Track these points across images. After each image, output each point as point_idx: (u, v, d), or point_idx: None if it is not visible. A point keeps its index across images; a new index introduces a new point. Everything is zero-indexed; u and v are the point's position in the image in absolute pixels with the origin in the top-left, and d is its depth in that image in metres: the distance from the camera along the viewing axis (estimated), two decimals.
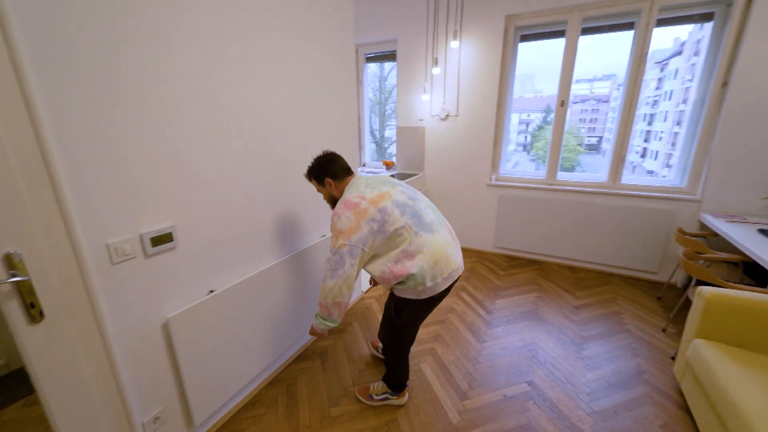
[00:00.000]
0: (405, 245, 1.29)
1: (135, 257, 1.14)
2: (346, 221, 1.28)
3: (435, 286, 1.33)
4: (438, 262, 1.31)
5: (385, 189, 1.36)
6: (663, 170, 2.80)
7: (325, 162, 1.47)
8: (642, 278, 2.97)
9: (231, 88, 1.40)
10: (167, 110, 1.17)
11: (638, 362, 1.98)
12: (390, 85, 7.21)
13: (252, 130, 1.53)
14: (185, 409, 1.38)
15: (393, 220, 1.29)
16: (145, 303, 1.19)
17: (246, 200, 1.54)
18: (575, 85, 2.95)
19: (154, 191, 1.17)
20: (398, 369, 1.63)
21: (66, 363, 1.00)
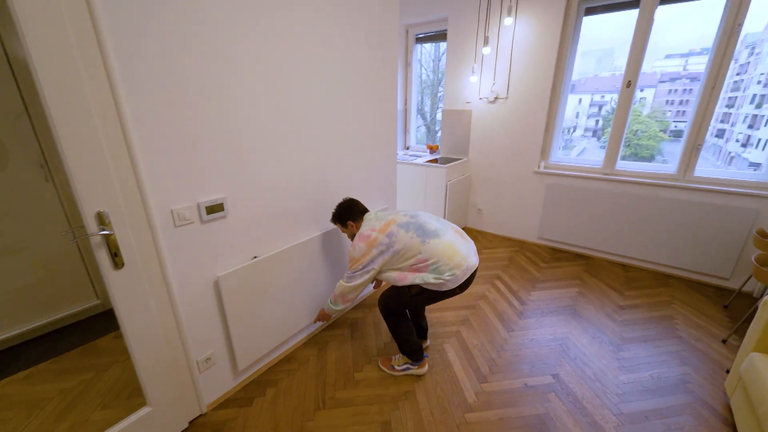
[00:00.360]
0: (418, 255, 1.55)
1: (193, 222, 1.35)
2: (359, 251, 1.62)
3: (454, 278, 1.52)
4: (452, 258, 1.53)
5: (391, 217, 1.67)
6: None
7: (345, 209, 1.79)
8: (708, 283, 2.66)
9: (280, 75, 1.53)
10: (226, 97, 1.33)
11: (685, 371, 1.83)
12: (444, 66, 7.02)
13: (295, 115, 1.65)
14: (231, 355, 1.62)
15: (399, 239, 1.58)
16: (200, 262, 1.41)
17: (287, 180, 1.70)
18: (664, 60, 2.60)
19: (209, 166, 1.35)
20: (404, 332, 1.74)
21: (140, 303, 1.24)
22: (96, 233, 1.08)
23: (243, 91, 1.41)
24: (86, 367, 1.81)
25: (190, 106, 1.25)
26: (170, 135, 1.22)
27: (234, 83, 1.37)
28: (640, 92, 2.87)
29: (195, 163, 1.31)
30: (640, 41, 2.59)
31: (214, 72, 1.30)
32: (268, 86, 1.50)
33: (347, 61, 1.89)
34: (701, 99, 2.48)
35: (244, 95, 1.41)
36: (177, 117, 1.22)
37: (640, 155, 2.97)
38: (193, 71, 1.23)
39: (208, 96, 1.29)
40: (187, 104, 1.24)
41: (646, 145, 3.67)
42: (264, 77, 1.48)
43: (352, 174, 2.12)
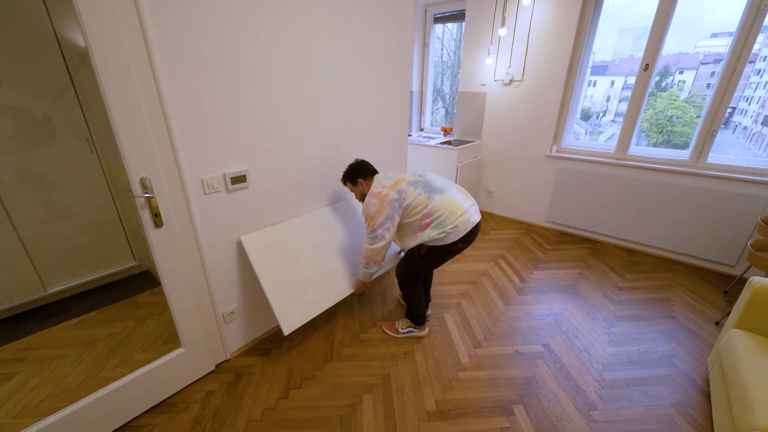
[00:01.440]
0: (424, 210, 1.65)
1: (220, 191, 1.53)
2: (373, 207, 1.69)
3: (456, 230, 1.63)
4: (454, 212, 1.65)
5: (400, 176, 1.77)
6: None
7: (356, 167, 1.87)
8: (713, 270, 2.68)
9: (299, 55, 1.65)
10: (250, 76, 1.48)
11: (672, 347, 1.92)
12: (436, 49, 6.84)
13: (312, 94, 1.79)
14: (252, 310, 1.84)
15: (408, 194, 1.68)
16: (226, 226, 1.60)
17: (303, 155, 1.85)
18: (710, 40, 2.47)
19: (235, 141, 1.52)
20: (415, 298, 1.91)
21: (176, 259, 1.44)
22: (141, 195, 1.27)
23: (265, 71, 1.54)
24: (128, 317, 2.09)
25: (218, 86, 1.40)
26: (201, 111, 1.38)
27: (258, 63, 1.51)
28: (680, 74, 2.76)
29: (222, 138, 1.47)
30: (662, 20, 2.53)
31: (241, 52, 1.44)
32: (287, 65, 1.63)
33: (363, 41, 1.99)
34: (720, 83, 2.43)
35: (266, 74, 1.55)
36: (206, 94, 1.38)
37: (673, 142, 2.83)
38: (222, 51, 1.38)
39: (234, 74, 1.44)
40: (215, 83, 1.39)
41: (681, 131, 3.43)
42: (284, 57, 1.60)
43: (364, 152, 2.24)
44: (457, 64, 6.74)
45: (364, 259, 1.80)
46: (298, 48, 1.65)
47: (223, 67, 1.40)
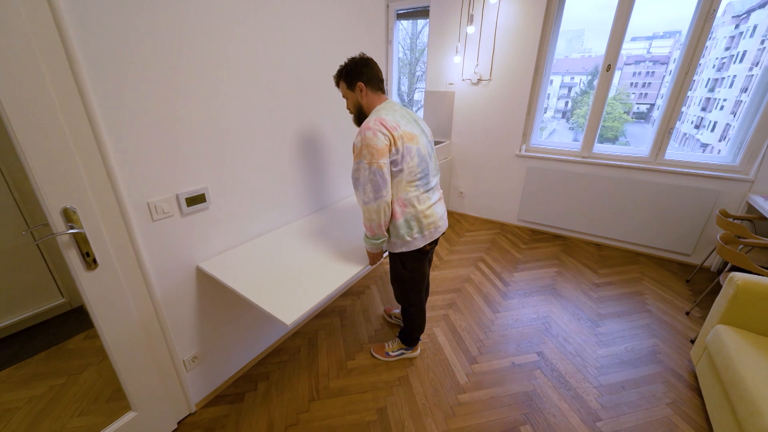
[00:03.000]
0: (403, 194, 1.33)
1: (172, 215, 1.24)
2: (383, 140, 1.21)
3: (422, 238, 1.41)
4: (427, 218, 1.39)
5: (416, 132, 1.33)
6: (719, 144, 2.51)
7: (360, 64, 1.34)
8: (673, 260, 2.85)
9: (265, 57, 1.40)
10: (204, 83, 1.20)
11: (654, 342, 1.97)
12: (422, 44, 6.81)
13: (278, 99, 1.54)
14: (218, 351, 1.56)
15: (407, 164, 1.29)
16: (182, 255, 1.31)
17: (271, 165, 1.60)
18: (630, 43, 2.63)
19: (189, 156, 1.24)
20: (416, 322, 1.73)
21: (118, 305, 1.14)
22: (63, 232, 0.96)
23: (226, 69, 1.28)
24: (56, 372, 1.69)
25: (166, 88, 1.12)
26: (144, 119, 1.09)
27: (216, 61, 1.24)
28: None
29: (174, 151, 1.19)
30: (620, 22, 2.61)
31: (197, 47, 1.16)
32: (253, 65, 1.38)
33: (337, 37, 1.77)
34: (675, 83, 2.56)
35: (227, 74, 1.29)
36: (151, 98, 1.09)
37: (605, 136, 3.03)
38: (169, 44, 1.10)
39: (184, 83, 1.16)
40: (161, 84, 1.11)
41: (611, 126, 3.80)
42: (250, 54, 1.35)
43: (337, 157, 2.04)
44: (414, 62, 6.65)
45: (370, 228, 1.33)
46: (264, 46, 1.41)
47: (170, 64, 1.12)
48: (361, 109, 1.40)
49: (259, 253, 1.49)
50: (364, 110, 1.40)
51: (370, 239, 1.37)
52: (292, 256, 1.47)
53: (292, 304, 1.17)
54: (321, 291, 1.24)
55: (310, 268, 1.39)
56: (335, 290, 1.30)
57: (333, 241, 1.59)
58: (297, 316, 1.13)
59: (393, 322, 2.10)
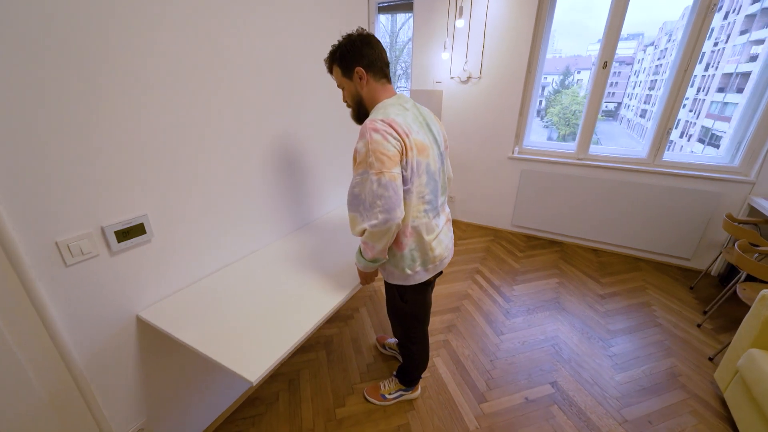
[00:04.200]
0: (411, 220, 1.07)
1: (97, 255, 0.92)
2: (396, 145, 0.95)
3: (425, 272, 1.16)
4: (433, 251, 1.14)
5: (428, 141, 1.05)
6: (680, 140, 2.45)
7: (360, 43, 1.03)
8: (673, 264, 2.75)
9: (226, 48, 1.10)
10: (136, 76, 0.89)
11: (672, 362, 1.81)
12: (401, 41, 6.55)
13: (247, 97, 1.24)
14: (173, 416, 1.24)
15: (416, 184, 1.02)
16: (113, 306, 0.99)
17: (237, 181, 1.29)
18: (596, 45, 2.53)
19: (118, 173, 0.92)
20: (418, 360, 1.47)
21: (10, 386, 0.82)
22: None
23: (172, 59, 0.97)
24: None
25: (78, 88, 0.80)
26: (44, 131, 0.77)
27: (153, 58, 0.93)
28: (578, 74, 2.85)
29: (92, 171, 0.87)
30: (616, 17, 2.46)
31: (117, 41, 0.85)
32: (208, 56, 1.07)
33: (313, 30, 1.48)
34: (673, 84, 2.44)
35: (174, 65, 0.98)
36: (54, 102, 0.78)
37: None
38: (77, 35, 0.78)
39: (107, 74, 0.85)
40: (71, 84, 0.79)
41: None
42: (204, 43, 1.04)
43: (316, 166, 1.75)
44: (394, 61, 6.40)
45: (369, 248, 1.05)
46: (225, 37, 1.10)
47: (88, 47, 0.80)
48: (362, 102, 1.10)
49: (221, 290, 1.18)
50: (366, 104, 1.10)
51: (367, 261, 1.10)
52: (262, 290, 1.17)
53: (260, 353, 0.90)
54: (297, 331, 0.97)
55: (285, 301, 1.10)
56: (315, 326, 1.02)
57: (315, 265, 1.30)
58: (264, 370, 0.85)
59: (387, 353, 1.84)
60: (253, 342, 0.95)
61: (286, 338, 0.95)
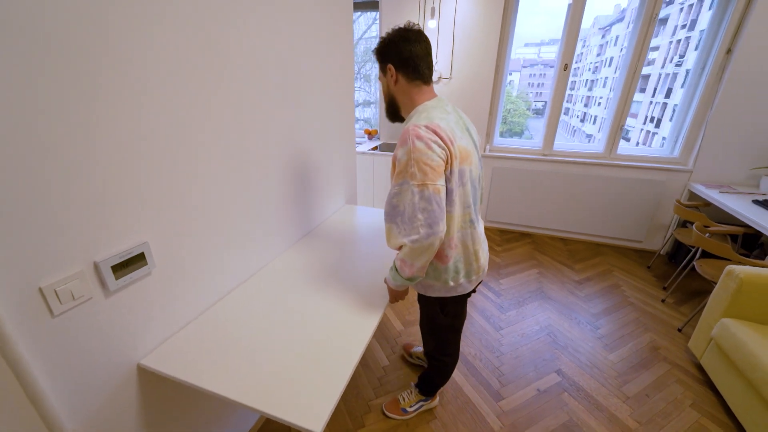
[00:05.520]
0: (456, 231, 1.02)
1: (90, 299, 0.73)
2: (441, 155, 0.89)
3: (468, 283, 1.11)
4: (478, 260, 1.10)
5: (471, 148, 0.99)
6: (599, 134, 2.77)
7: (398, 39, 0.97)
8: (629, 247, 3.05)
9: (224, 53, 0.94)
10: (129, 75, 0.72)
11: (651, 337, 1.99)
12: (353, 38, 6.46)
13: (246, 103, 1.09)
14: None
15: (459, 193, 0.97)
16: (108, 357, 0.80)
17: (248, 191, 1.13)
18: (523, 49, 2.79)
19: (112, 196, 0.74)
20: (447, 371, 1.41)
21: None
22: None
23: (166, 69, 0.80)
24: None
25: (69, 92, 0.62)
26: (20, 142, 0.58)
27: (154, 58, 0.76)
28: (510, 75, 3.08)
29: (82, 192, 0.69)
30: (575, 24, 2.66)
31: (119, 40, 0.68)
32: (206, 63, 0.91)
33: (303, 30, 1.36)
34: (624, 85, 2.70)
35: (167, 75, 0.81)
36: (33, 107, 0.59)
37: (514, 131, 3.22)
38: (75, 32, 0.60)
39: (106, 73, 0.67)
40: (60, 85, 0.61)
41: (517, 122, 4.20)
42: (203, 51, 0.88)
43: (316, 170, 1.62)
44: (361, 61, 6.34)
45: (407, 265, 0.97)
46: (223, 41, 0.95)
47: (82, 42, 0.63)
48: (393, 100, 1.05)
49: (234, 319, 1.02)
50: (397, 104, 1.05)
51: (404, 279, 1.01)
52: (281, 314, 1.04)
53: (308, 391, 0.79)
54: (347, 361, 0.87)
55: (315, 326, 0.99)
56: (362, 352, 0.93)
57: (331, 279, 1.19)
58: (327, 414, 0.75)
59: (414, 362, 1.76)
60: (291, 378, 0.83)
61: (337, 369, 0.85)
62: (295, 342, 0.95)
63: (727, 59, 2.40)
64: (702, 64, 2.54)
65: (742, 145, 2.50)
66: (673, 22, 21.00)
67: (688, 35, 19.62)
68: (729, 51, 2.38)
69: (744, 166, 2.54)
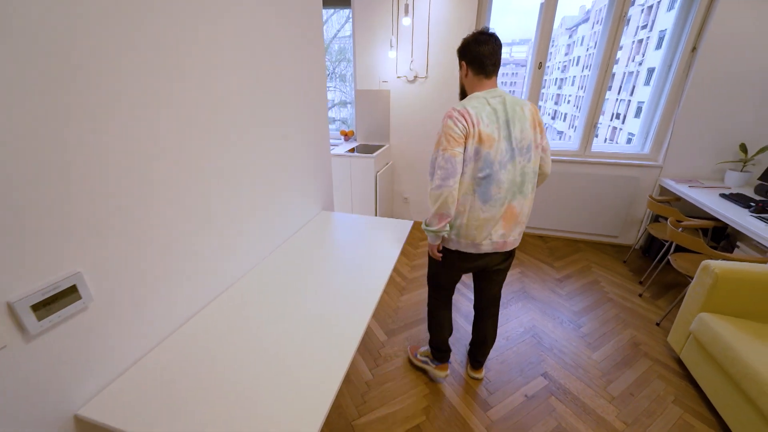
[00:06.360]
0: (460, 195, 1.25)
1: (4, 347, 0.60)
2: (460, 129, 1.17)
3: (457, 242, 1.33)
4: (468, 228, 1.29)
5: (497, 135, 1.19)
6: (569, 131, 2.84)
7: (471, 42, 1.26)
8: (605, 242, 3.11)
9: (174, 48, 0.82)
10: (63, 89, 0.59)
11: (631, 333, 2.01)
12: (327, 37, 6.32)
13: (205, 114, 0.96)
14: None
15: (470, 167, 1.20)
16: (33, 412, 0.67)
17: (191, 212, 1.01)
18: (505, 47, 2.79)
19: (31, 224, 0.61)
20: (430, 327, 1.64)
21: None
22: None
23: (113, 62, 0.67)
24: None
25: None
26: None
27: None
28: None
29: None
30: (548, 23, 2.66)
31: None
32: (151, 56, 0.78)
33: (266, 21, 1.24)
34: (596, 84, 2.73)
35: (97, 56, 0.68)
36: None
37: None
38: None
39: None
40: None
41: None
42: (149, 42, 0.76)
43: (281, 179, 1.51)
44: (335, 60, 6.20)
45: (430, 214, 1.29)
46: (172, 38, 0.82)
47: None
48: (463, 89, 1.37)
49: (190, 354, 0.90)
50: (465, 91, 1.35)
51: (426, 226, 1.33)
52: (249, 340, 0.93)
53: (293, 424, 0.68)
54: (323, 394, 0.77)
55: (284, 352, 0.88)
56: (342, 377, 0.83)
57: (307, 292, 1.09)
58: None
59: (418, 364, 1.75)
60: (263, 416, 0.73)
61: (314, 404, 0.75)
62: (265, 374, 0.85)
63: (692, 57, 2.47)
64: (669, 62, 2.60)
65: (708, 140, 2.58)
66: (635, 22, 22.10)
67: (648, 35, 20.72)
68: (694, 49, 2.45)
69: (710, 161, 2.63)
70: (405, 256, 2.86)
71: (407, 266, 2.71)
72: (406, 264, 2.74)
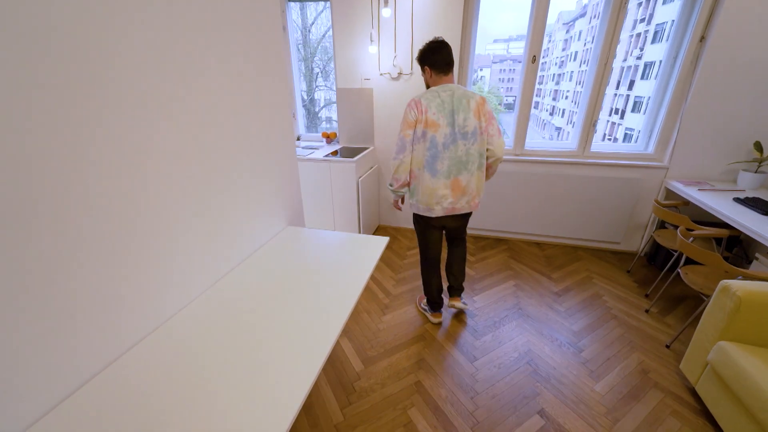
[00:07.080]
0: (415, 167, 1.65)
1: None
2: (412, 116, 1.55)
3: (418, 205, 1.73)
4: (424, 194, 1.67)
5: (443, 122, 1.53)
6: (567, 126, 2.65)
7: (428, 52, 1.60)
8: (606, 249, 2.89)
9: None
10: None
11: (639, 358, 1.79)
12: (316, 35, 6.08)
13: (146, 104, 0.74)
14: None
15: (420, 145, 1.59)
16: None
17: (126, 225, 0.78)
18: (492, 45, 2.58)
19: None
20: (424, 275, 1.98)
21: None
22: None
23: None
24: None
25: None
26: None
27: None
28: (480, 71, 2.87)
29: None
30: (540, 17, 2.43)
31: None
32: None
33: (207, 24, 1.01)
34: (595, 80, 2.51)
35: None
36: None
37: None
38: None
39: None
40: None
41: None
42: None
43: (231, 190, 1.28)
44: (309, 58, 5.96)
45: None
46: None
47: None
48: (427, 85, 1.67)
49: (132, 385, 0.68)
50: (428, 87, 1.66)
51: (390, 186, 1.76)
52: (190, 377, 0.71)
53: None
54: None
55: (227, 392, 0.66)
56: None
57: (262, 321, 0.87)
58: None
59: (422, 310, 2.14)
60: None
61: None
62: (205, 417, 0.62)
63: (700, 48, 2.25)
64: (674, 54, 2.38)
65: (719, 138, 2.36)
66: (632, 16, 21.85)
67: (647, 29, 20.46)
68: (702, 38, 2.23)
69: (721, 161, 2.41)
70: (390, 269, 2.64)
71: (392, 280, 2.49)
72: (391, 277, 2.52)
